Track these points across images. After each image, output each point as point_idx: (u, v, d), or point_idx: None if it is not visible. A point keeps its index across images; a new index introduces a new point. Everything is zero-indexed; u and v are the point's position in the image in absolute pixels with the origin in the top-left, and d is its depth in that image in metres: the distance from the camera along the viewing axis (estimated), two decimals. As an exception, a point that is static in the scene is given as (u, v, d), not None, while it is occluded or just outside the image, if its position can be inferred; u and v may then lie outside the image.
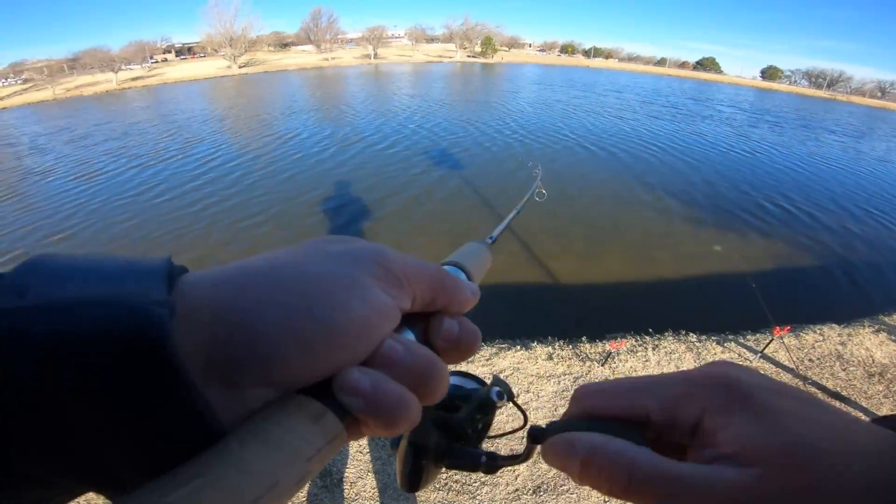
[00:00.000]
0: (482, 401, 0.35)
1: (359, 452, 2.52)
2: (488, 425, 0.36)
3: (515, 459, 0.30)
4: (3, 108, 26.11)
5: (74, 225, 6.60)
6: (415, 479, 0.31)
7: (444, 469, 0.33)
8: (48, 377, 0.14)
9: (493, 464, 0.31)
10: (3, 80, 43.65)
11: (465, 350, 0.25)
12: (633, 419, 0.23)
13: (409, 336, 0.23)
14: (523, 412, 0.39)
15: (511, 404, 0.38)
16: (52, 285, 0.15)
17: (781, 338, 3.32)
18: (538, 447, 0.24)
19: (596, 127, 14.70)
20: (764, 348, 3.37)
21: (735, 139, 14.82)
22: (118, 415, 0.14)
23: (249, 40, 49.06)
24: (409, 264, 0.23)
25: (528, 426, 0.26)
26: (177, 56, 61.61)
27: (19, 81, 41.73)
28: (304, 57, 54.68)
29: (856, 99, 55.12)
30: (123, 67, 38.55)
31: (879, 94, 65.12)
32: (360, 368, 0.19)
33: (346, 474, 2.42)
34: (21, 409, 0.14)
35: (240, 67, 43.66)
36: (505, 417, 2.81)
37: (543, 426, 0.24)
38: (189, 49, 63.21)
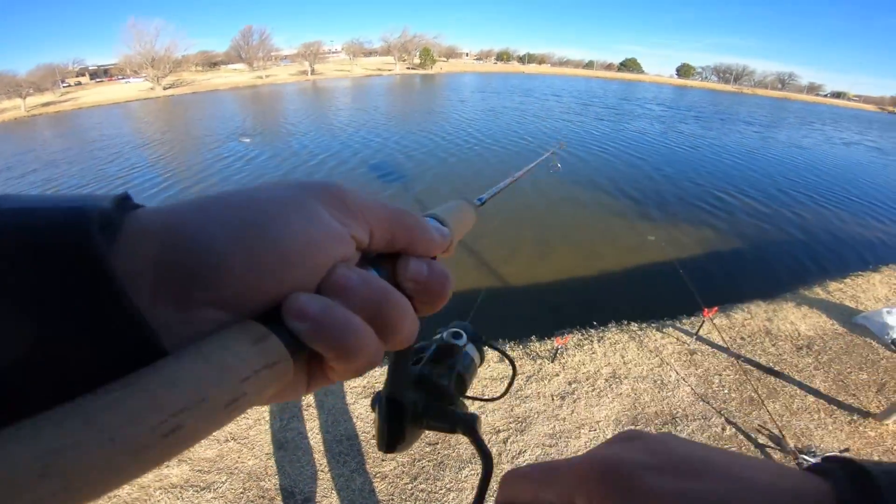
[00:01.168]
0: (445, 349, 0.35)
1: (320, 472, 2.50)
2: (464, 378, 0.36)
3: (483, 453, 0.31)
4: None
5: None
6: (392, 439, 0.31)
7: (423, 429, 0.32)
8: None
9: (472, 424, 0.32)
10: None
11: (435, 294, 0.24)
12: None
13: (373, 274, 0.22)
14: (508, 358, 0.45)
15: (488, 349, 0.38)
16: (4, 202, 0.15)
17: (712, 319, 3.57)
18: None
19: (549, 130, 15.37)
20: (697, 330, 3.62)
21: (667, 135, 15.99)
22: (43, 317, 0.14)
23: (174, 60, 46.54)
24: (367, 199, 0.23)
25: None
26: (92, 79, 57.34)
27: None
28: (235, 76, 52.56)
29: (760, 91, 61.20)
30: (32, 92, 35.24)
31: (780, 86, 72.60)
32: (311, 294, 0.19)
33: (313, 493, 2.38)
34: None
35: (164, 89, 41.25)
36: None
37: None
38: (105, 71, 59.06)
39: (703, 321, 3.57)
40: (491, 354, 3.47)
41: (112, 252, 0.15)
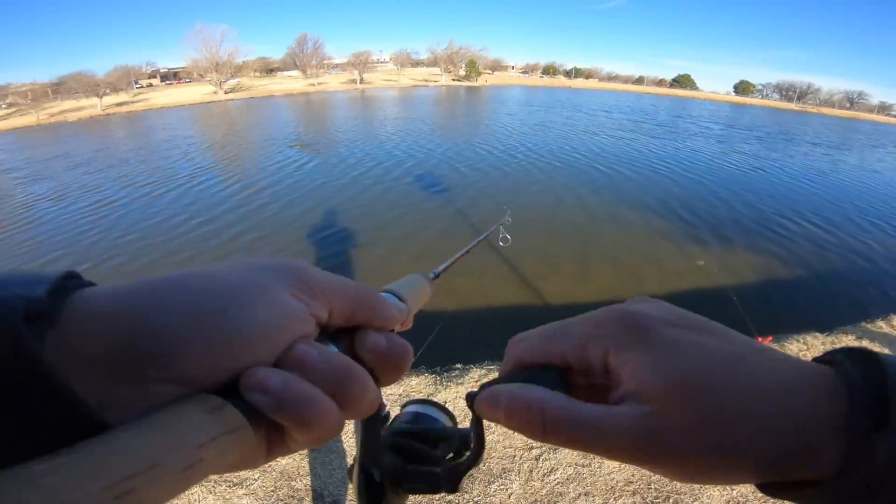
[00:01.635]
0: (464, 440, 0.34)
1: None
2: (440, 435, 0.36)
3: (472, 458, 0.30)
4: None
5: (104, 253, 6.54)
6: None
7: (407, 495, 0.32)
8: None
9: (454, 476, 0.30)
10: (-14, 105, 43.14)
11: (394, 365, 0.25)
12: (554, 365, 0.24)
13: (333, 349, 0.23)
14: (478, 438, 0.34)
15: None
16: None
17: None
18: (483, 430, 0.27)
19: (600, 147, 14.97)
20: None
21: (726, 155, 15.23)
22: None
23: (235, 66, 49.50)
24: (326, 278, 0.24)
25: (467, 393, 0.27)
26: (162, 81, 61.81)
27: (3, 106, 41.31)
28: (290, 82, 55.22)
29: (826, 110, 57.38)
30: (108, 92, 38.39)
31: (848, 105, 67.98)
32: (271, 368, 0.20)
33: (341, 497, 2.41)
34: None
35: (226, 93, 43.89)
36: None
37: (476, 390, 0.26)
38: (175, 74, 63.45)
39: None
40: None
41: (47, 337, 0.16)
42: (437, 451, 0.33)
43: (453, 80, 62.63)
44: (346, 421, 0.22)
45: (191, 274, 0.21)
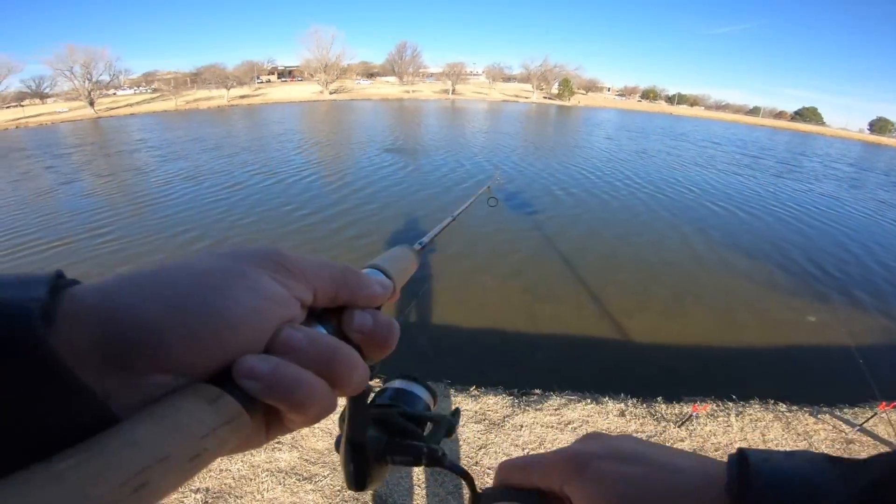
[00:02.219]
0: (450, 427, 0.37)
1: (416, 486, 2.55)
2: (421, 417, 0.38)
3: (460, 473, 0.33)
4: (133, 115, 30.40)
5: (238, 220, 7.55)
6: (359, 479, 0.32)
7: (389, 466, 0.34)
8: None
9: (435, 455, 0.32)
10: (136, 88, 50.61)
11: (381, 342, 0.27)
12: (536, 488, 0.29)
13: (321, 330, 0.25)
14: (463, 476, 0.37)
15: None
16: None
17: (884, 412, 3.04)
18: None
19: (713, 184, 13.80)
20: (865, 421, 3.09)
21: (862, 202, 13.37)
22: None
23: (341, 68, 53.32)
24: (305, 260, 0.25)
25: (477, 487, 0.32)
26: (279, 78, 68.26)
27: (149, 91, 48.16)
28: (387, 88, 58.37)
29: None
30: (235, 85, 43.13)
31: None
32: (260, 355, 0.21)
33: None
34: None
35: (330, 93, 47.48)
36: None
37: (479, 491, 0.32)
38: (290, 72, 69.80)
39: (874, 413, 3.04)
40: (612, 406, 3.37)
41: (52, 335, 0.16)
42: (420, 427, 0.35)
43: (545, 97, 62.10)
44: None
45: (168, 266, 0.21)
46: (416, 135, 20.14)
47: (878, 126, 68.72)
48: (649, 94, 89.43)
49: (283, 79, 68.23)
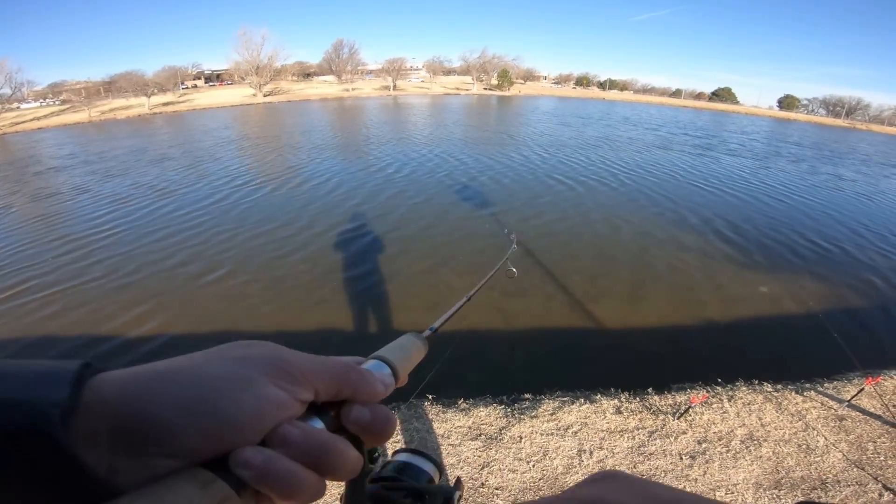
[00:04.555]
0: (447, 499, 0.36)
1: None
2: (422, 494, 0.37)
3: None
4: (41, 129, 27.26)
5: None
6: None
7: None
8: None
9: None
10: (42, 101, 45.61)
11: (377, 434, 0.28)
12: None
13: (318, 423, 0.26)
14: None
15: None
16: None
17: (870, 387, 3.13)
18: None
19: (694, 169, 14.12)
20: (853, 397, 3.17)
21: (799, 177, 14.32)
22: (21, 487, 0.19)
23: (275, 69, 50.85)
24: (309, 363, 0.27)
25: None
26: (206, 83, 64.15)
27: (57, 102, 43.55)
28: (325, 87, 56.45)
29: (875, 127, 54.26)
30: (156, 92, 39.97)
31: (900, 121, 64.17)
32: (256, 447, 0.23)
33: None
34: None
35: (264, 96, 45.16)
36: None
37: None
38: (218, 76, 65.80)
39: (862, 389, 3.13)
40: (607, 404, 3.26)
41: (73, 423, 0.20)
42: (422, 500, 0.35)
43: (485, 88, 62.67)
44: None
45: (183, 366, 0.24)
46: (352, 133, 19.46)
47: (786, 102, 75.50)
48: (583, 81, 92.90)
49: (211, 83, 64.15)
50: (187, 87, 54.92)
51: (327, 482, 0.25)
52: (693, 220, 8.52)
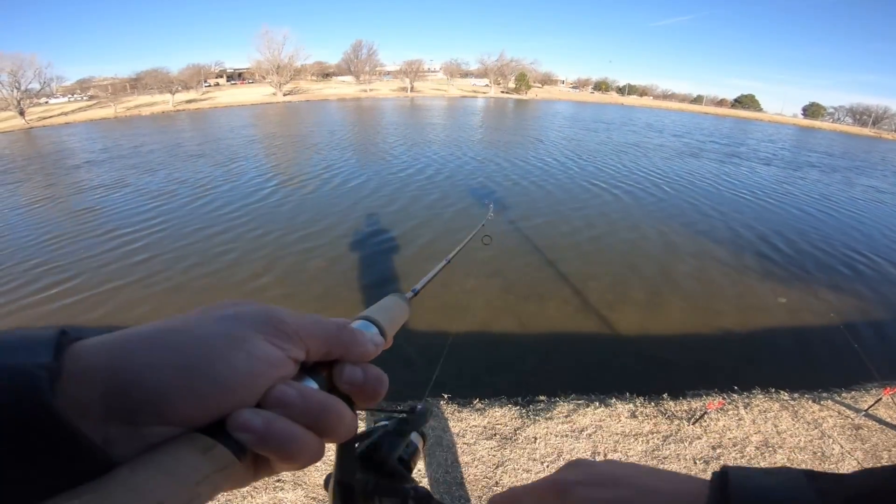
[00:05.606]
0: (396, 429, 0.37)
1: None
2: (412, 456, 0.38)
3: None
4: (68, 123, 28.16)
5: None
6: None
7: None
8: None
9: (422, 499, 0.33)
10: (70, 96, 47.00)
11: (370, 394, 0.28)
12: None
13: (311, 384, 0.26)
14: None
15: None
16: None
17: (888, 397, 3.11)
18: None
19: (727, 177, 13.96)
20: (869, 408, 3.15)
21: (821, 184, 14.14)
22: (12, 458, 0.17)
23: (295, 68, 51.59)
24: (301, 321, 0.26)
25: None
26: (228, 81, 65.37)
27: (85, 98, 44.82)
28: (343, 87, 57.09)
29: (903, 135, 52.59)
30: (180, 89, 40.88)
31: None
32: (253, 409, 0.22)
33: None
34: None
35: (284, 95, 45.86)
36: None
37: None
38: (240, 75, 66.99)
39: (880, 398, 3.10)
40: (622, 408, 3.28)
41: (58, 392, 0.18)
42: (409, 468, 0.36)
43: (502, 91, 62.63)
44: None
45: (173, 327, 0.23)
46: (370, 134, 19.67)
47: (811, 111, 73.77)
48: (601, 86, 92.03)
49: (233, 81, 65.35)
50: (210, 86, 55.99)
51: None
52: (723, 231, 8.44)
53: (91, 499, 0.16)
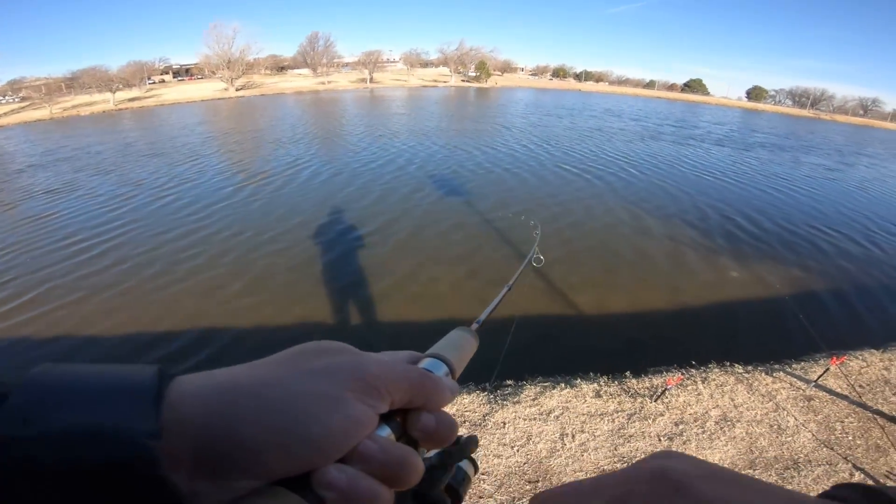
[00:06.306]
0: (442, 461, 0.36)
1: None
2: (461, 484, 0.37)
3: None
4: (2, 127, 25.93)
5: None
6: None
7: None
8: (55, 501, 0.17)
9: None
10: (1, 98, 43.28)
11: (441, 440, 0.28)
12: None
13: (386, 431, 0.26)
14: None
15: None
16: (52, 411, 0.18)
17: (835, 367, 3.28)
18: None
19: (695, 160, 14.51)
20: (819, 377, 3.33)
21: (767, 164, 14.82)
22: None
23: (247, 63, 49.44)
24: (389, 373, 0.27)
25: None
26: (174, 77, 61.88)
27: (17, 100, 41.38)
28: (300, 80, 55.24)
29: (839, 117, 56.52)
30: (121, 88, 38.43)
31: (862, 112, 66.96)
32: (339, 466, 0.23)
33: None
34: None
35: (236, 90, 43.91)
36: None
37: None
38: (187, 70, 63.57)
39: (828, 369, 3.28)
40: (586, 388, 3.33)
41: (156, 446, 0.19)
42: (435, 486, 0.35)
43: (462, 80, 62.39)
44: None
45: (267, 382, 0.24)
46: (329, 126, 19.17)
47: (754, 94, 77.68)
48: (559, 73, 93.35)
49: (180, 78, 61.92)
50: (154, 83, 52.83)
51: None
52: (672, 209, 8.74)
53: None
